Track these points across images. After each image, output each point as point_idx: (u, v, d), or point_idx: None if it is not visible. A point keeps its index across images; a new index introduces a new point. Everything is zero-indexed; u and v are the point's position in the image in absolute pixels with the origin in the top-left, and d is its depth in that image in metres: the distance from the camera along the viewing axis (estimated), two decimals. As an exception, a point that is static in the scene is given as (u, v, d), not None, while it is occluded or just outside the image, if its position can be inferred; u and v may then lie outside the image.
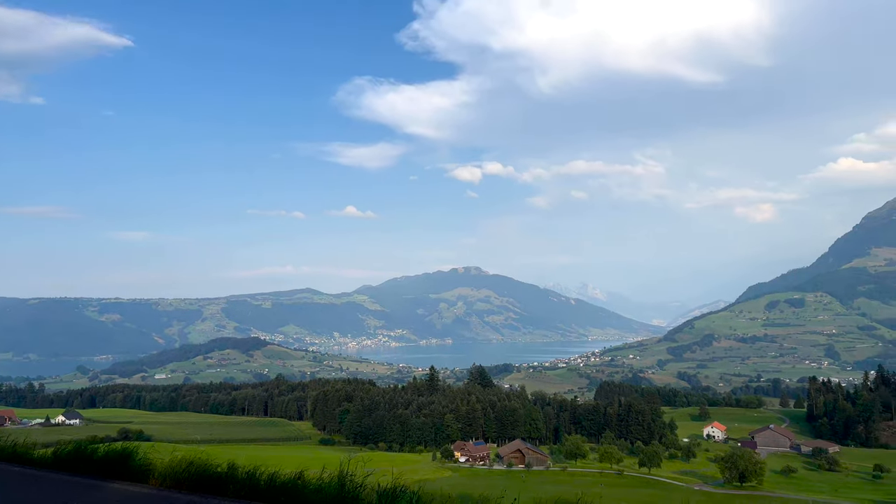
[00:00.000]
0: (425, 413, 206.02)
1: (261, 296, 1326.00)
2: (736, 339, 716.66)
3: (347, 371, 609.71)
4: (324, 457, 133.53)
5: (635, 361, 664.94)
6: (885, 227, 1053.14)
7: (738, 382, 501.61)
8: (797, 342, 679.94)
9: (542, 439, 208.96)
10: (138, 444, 13.52)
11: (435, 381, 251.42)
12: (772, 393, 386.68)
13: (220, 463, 11.59)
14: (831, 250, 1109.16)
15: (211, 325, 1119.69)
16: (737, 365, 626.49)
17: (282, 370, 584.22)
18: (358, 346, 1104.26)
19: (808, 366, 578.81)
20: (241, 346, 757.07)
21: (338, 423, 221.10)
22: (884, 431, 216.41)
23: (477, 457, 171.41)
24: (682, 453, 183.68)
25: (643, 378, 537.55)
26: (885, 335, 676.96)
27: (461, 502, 10.54)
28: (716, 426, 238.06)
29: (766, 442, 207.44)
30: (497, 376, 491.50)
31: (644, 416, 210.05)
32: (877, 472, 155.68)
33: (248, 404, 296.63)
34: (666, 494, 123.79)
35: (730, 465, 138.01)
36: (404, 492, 10.51)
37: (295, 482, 10.73)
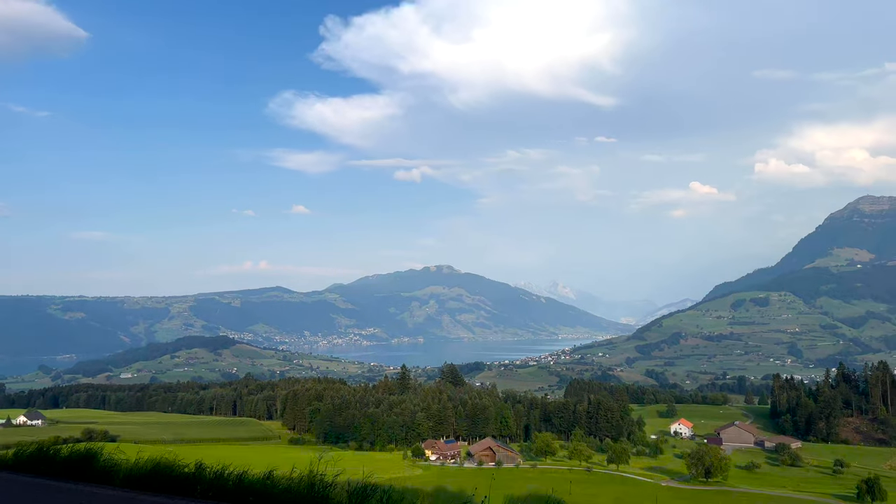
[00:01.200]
0: (396, 412, 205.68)
1: (230, 294, 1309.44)
2: (703, 337, 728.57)
3: (318, 370, 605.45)
4: (293, 456, 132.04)
5: (604, 359, 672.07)
6: (846, 228, 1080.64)
7: (705, 380, 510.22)
8: (762, 340, 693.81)
9: (512, 437, 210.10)
10: (103, 445, 13.27)
11: (406, 380, 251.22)
12: (737, 390, 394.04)
13: (188, 463, 11.44)
14: (795, 250, 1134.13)
15: (178, 324, 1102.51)
16: (703, 363, 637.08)
17: (251, 369, 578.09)
18: (329, 344, 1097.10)
19: (773, 363, 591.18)
20: (210, 345, 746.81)
21: (308, 423, 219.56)
22: (844, 427, 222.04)
23: (448, 455, 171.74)
24: (649, 450, 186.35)
25: (612, 376, 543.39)
26: (845, 333, 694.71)
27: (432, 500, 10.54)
28: (683, 423, 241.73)
29: (731, 438, 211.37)
30: (468, 375, 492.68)
31: (613, 414, 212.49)
32: (837, 467, 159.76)
33: (216, 404, 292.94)
34: (634, 490, 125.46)
35: (696, 461, 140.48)
36: (375, 490, 10.51)
37: (264, 482, 10.65)
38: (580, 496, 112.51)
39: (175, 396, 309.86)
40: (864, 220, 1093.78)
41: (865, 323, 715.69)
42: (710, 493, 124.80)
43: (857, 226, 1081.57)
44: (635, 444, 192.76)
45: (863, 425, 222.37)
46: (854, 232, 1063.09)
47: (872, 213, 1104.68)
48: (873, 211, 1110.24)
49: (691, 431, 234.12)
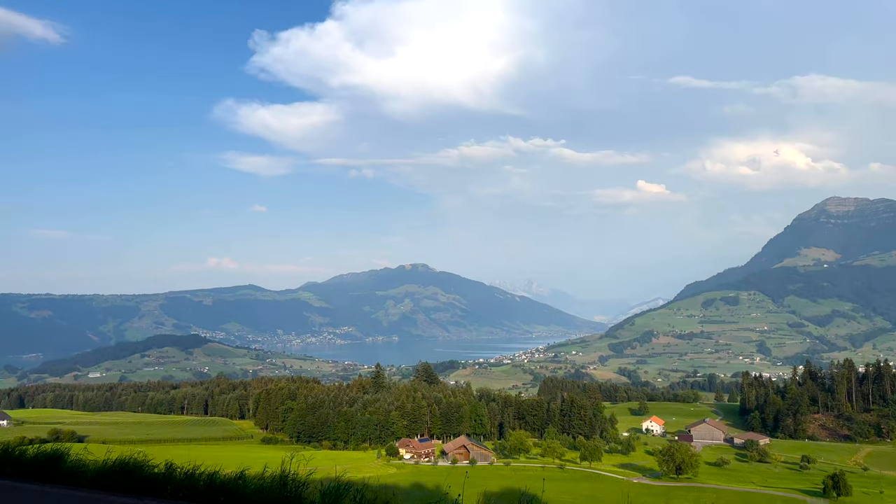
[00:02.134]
0: (371, 411, 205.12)
1: (201, 292, 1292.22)
2: (674, 335, 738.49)
3: (291, 369, 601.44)
4: (266, 455, 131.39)
5: (578, 357, 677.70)
6: (813, 229, 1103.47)
7: (676, 378, 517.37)
8: (731, 339, 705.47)
9: (486, 435, 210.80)
10: (70, 445, 13.04)
11: (381, 379, 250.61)
12: (707, 388, 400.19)
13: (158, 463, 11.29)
14: (764, 250, 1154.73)
15: (149, 322, 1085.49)
16: (675, 361, 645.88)
17: (223, 368, 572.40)
18: (302, 343, 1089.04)
19: (742, 361, 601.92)
20: (181, 344, 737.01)
21: (281, 422, 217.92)
22: (811, 424, 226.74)
23: (422, 453, 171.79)
24: (621, 447, 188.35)
25: (585, 374, 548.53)
26: (812, 332, 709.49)
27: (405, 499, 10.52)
28: (654, 420, 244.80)
29: (701, 435, 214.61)
30: (443, 373, 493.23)
31: (586, 412, 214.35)
32: (804, 463, 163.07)
33: (187, 403, 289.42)
34: (606, 487, 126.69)
35: (667, 457, 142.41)
36: (348, 489, 10.47)
37: (235, 482, 10.55)
38: (553, 493, 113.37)
39: (145, 396, 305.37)
40: (831, 220, 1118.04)
41: (831, 321, 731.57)
42: (681, 489, 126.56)
43: (823, 226, 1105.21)
44: (608, 441, 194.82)
45: (829, 422, 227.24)
46: (821, 232, 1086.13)
47: (839, 213, 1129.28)
48: (839, 212, 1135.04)
49: (663, 429, 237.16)
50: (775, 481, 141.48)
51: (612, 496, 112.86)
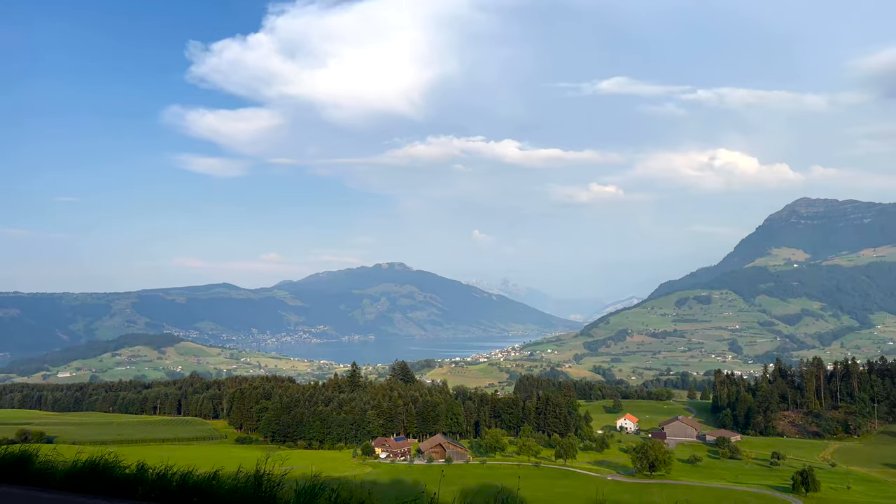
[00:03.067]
0: (346, 410, 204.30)
1: (174, 290, 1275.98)
2: (648, 334, 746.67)
3: (266, 368, 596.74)
4: (240, 456, 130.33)
5: (553, 356, 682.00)
6: (784, 229, 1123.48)
7: (650, 376, 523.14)
8: (704, 337, 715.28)
9: (462, 433, 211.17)
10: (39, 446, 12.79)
11: (357, 378, 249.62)
12: (680, 385, 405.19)
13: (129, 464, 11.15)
14: (736, 250, 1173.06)
15: (120, 321, 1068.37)
16: (648, 359, 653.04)
17: (196, 367, 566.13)
18: (277, 342, 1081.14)
19: (714, 359, 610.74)
20: (153, 343, 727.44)
21: (255, 422, 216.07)
22: (780, 421, 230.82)
23: (398, 452, 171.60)
24: (596, 445, 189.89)
25: (560, 372, 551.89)
26: (782, 330, 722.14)
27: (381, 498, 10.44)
28: (628, 418, 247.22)
29: (674, 432, 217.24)
30: (419, 372, 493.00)
31: (561, 409, 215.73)
32: (773, 459, 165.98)
33: (160, 403, 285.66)
34: (580, 484, 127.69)
35: (641, 455, 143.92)
36: (323, 489, 10.43)
37: (209, 482, 10.45)
38: (528, 491, 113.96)
39: (116, 396, 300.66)
40: (801, 221, 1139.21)
41: (801, 320, 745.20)
42: (654, 486, 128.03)
43: (794, 227, 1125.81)
44: (582, 439, 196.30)
45: (798, 419, 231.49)
46: (791, 232, 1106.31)
47: (808, 214, 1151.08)
48: (809, 213, 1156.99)
49: (636, 426, 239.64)
50: (746, 478, 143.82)
51: (587, 493, 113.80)
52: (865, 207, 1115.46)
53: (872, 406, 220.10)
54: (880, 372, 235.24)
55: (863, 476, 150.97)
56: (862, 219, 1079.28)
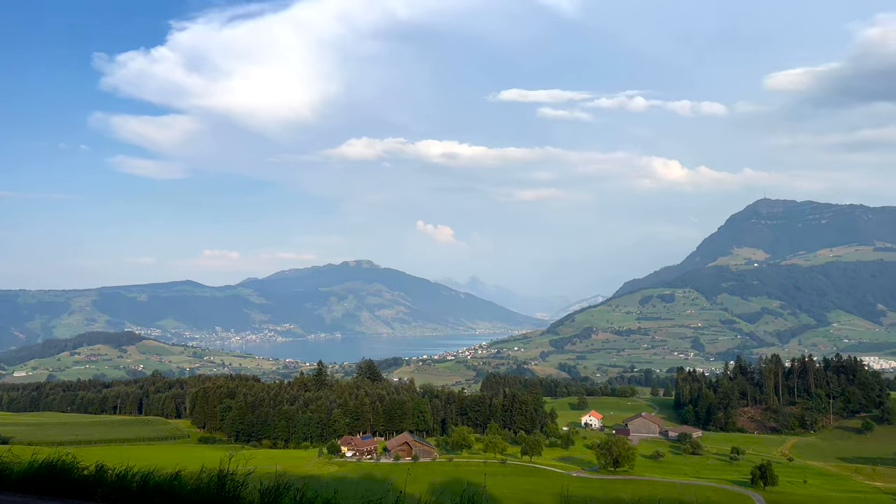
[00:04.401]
0: (312, 409, 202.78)
1: (136, 288, 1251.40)
2: (612, 331, 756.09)
3: (230, 367, 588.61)
4: (203, 455, 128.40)
5: (520, 353, 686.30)
6: (745, 229, 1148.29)
7: (614, 373, 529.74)
8: (667, 335, 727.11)
9: (429, 431, 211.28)
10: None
11: (323, 376, 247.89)
12: (644, 382, 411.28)
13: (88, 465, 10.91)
14: (699, 249, 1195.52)
15: (79, 319, 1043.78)
16: (613, 356, 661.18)
17: (159, 366, 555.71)
18: (242, 340, 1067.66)
19: (677, 357, 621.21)
20: (114, 341, 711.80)
21: (219, 421, 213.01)
22: (740, 417, 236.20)
23: (364, 451, 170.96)
24: (561, 441, 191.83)
25: (527, 369, 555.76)
26: (743, 328, 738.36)
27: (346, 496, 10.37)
28: (593, 415, 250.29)
29: (638, 429, 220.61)
30: (386, 370, 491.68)
31: (527, 407, 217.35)
32: (733, 454, 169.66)
33: (120, 402, 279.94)
34: (545, 481, 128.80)
35: (605, 451, 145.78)
36: (287, 488, 10.35)
37: (171, 483, 10.29)
38: (495, 489, 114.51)
39: (75, 395, 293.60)
40: (762, 221, 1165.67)
41: (760, 318, 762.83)
42: (618, 481, 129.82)
43: (754, 227, 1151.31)
44: (548, 435, 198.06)
45: (757, 414, 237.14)
46: (752, 233, 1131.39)
47: (769, 215, 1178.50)
48: (769, 213, 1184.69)
49: (601, 423, 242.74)
50: (707, 472, 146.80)
51: (551, 490, 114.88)
52: (823, 208, 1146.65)
53: (828, 402, 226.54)
54: (835, 369, 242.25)
55: (819, 470, 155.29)
56: (819, 220, 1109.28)
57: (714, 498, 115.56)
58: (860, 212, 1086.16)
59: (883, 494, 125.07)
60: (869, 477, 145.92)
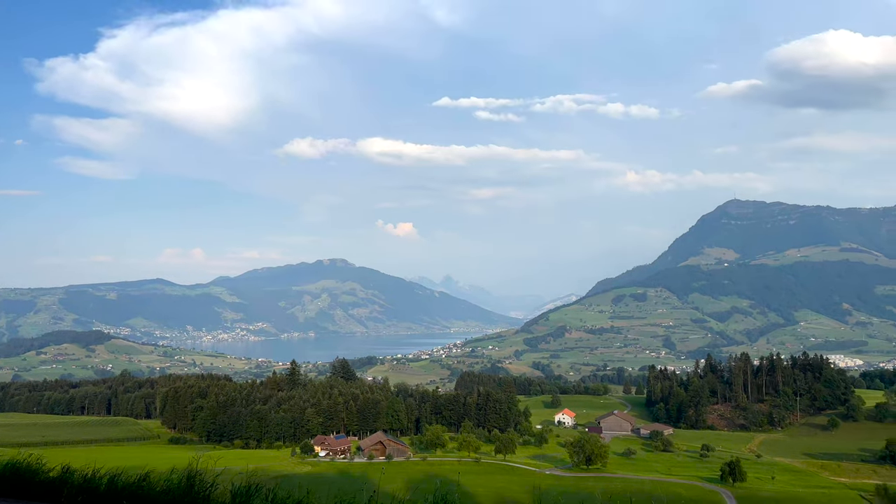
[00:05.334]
0: (285, 408, 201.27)
1: (105, 286, 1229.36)
2: (586, 330, 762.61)
3: (202, 366, 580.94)
4: (173, 456, 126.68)
5: (494, 352, 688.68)
6: (716, 229, 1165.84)
7: (587, 371, 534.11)
8: (639, 333, 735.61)
9: (403, 430, 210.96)
10: (-47, 450, 12.07)
11: (296, 376, 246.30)
12: (617, 381, 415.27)
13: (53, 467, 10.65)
14: (670, 249, 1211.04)
15: (46, 318, 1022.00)
16: (586, 355, 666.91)
17: (128, 366, 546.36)
18: (213, 340, 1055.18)
19: (649, 355, 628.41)
20: (82, 340, 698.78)
21: (190, 421, 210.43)
22: (710, 414, 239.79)
23: (338, 450, 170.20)
24: (535, 439, 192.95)
25: (501, 368, 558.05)
26: (713, 327, 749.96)
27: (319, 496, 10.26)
28: (566, 413, 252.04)
29: (610, 427, 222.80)
30: (361, 369, 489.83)
31: (501, 405, 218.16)
32: (703, 452, 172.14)
33: (88, 403, 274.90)
34: (519, 479, 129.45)
35: (578, 449, 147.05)
36: (259, 489, 10.21)
37: (139, 484, 10.08)
38: (468, 485, 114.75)
39: (41, 396, 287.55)
40: (732, 222, 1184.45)
41: (730, 317, 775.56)
42: (590, 479, 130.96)
43: (725, 227, 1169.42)
44: (522, 434, 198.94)
45: (727, 412, 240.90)
46: (722, 233, 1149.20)
47: (738, 215, 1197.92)
48: (739, 214, 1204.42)
49: (574, 421, 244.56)
50: (678, 469, 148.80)
51: (525, 488, 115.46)
52: (791, 209, 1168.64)
53: (795, 399, 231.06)
54: (802, 367, 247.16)
55: (786, 466, 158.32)
56: (788, 220, 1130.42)
57: (685, 494, 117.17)
58: (826, 213, 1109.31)
59: (848, 490, 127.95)
60: (835, 473, 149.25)
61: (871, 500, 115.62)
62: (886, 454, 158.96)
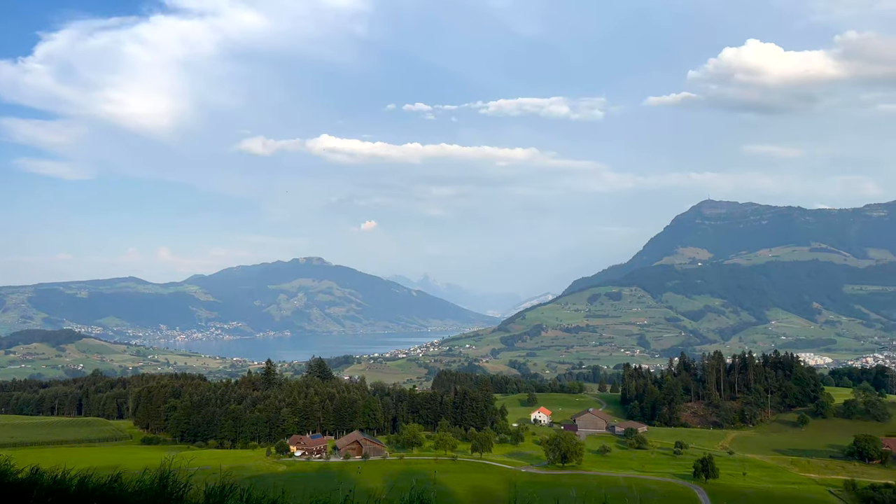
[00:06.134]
0: (260, 408, 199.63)
1: (76, 284, 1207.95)
2: (562, 329, 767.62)
3: (175, 366, 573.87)
4: (146, 456, 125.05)
5: (471, 351, 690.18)
6: (690, 229, 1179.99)
7: (563, 369, 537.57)
8: (614, 332, 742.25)
9: (380, 430, 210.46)
10: (-82, 453, 11.80)
11: (272, 375, 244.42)
12: (592, 379, 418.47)
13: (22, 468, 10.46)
14: (645, 248, 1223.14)
15: (15, 316, 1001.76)
16: (562, 353, 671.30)
17: (100, 365, 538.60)
18: (187, 339, 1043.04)
19: (623, 354, 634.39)
20: (52, 340, 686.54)
21: (163, 421, 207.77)
22: (684, 412, 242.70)
23: (313, 450, 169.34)
24: (511, 437, 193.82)
25: (478, 366, 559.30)
26: (687, 326, 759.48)
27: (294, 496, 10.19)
28: (542, 411, 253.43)
29: (585, 424, 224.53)
30: (337, 368, 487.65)
31: (478, 404, 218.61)
32: (677, 449, 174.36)
33: (58, 403, 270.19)
34: (494, 477, 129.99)
35: (553, 447, 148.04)
36: (233, 489, 10.14)
37: (111, 485, 9.95)
38: (444, 484, 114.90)
39: (10, 396, 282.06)
40: (705, 222, 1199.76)
41: (703, 316, 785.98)
42: (565, 476, 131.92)
43: (698, 227, 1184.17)
44: (498, 432, 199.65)
45: (700, 410, 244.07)
46: (696, 233, 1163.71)
47: (712, 215, 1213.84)
48: (712, 214, 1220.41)
49: (550, 419, 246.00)
50: (652, 466, 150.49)
51: (500, 485, 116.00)
52: (763, 210, 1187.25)
53: (766, 396, 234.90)
54: (773, 365, 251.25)
55: (757, 462, 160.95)
56: (760, 220, 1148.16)
57: (659, 491, 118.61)
58: (797, 214, 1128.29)
59: (817, 486, 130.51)
60: (804, 469, 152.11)
61: (840, 495, 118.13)
62: (854, 450, 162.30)
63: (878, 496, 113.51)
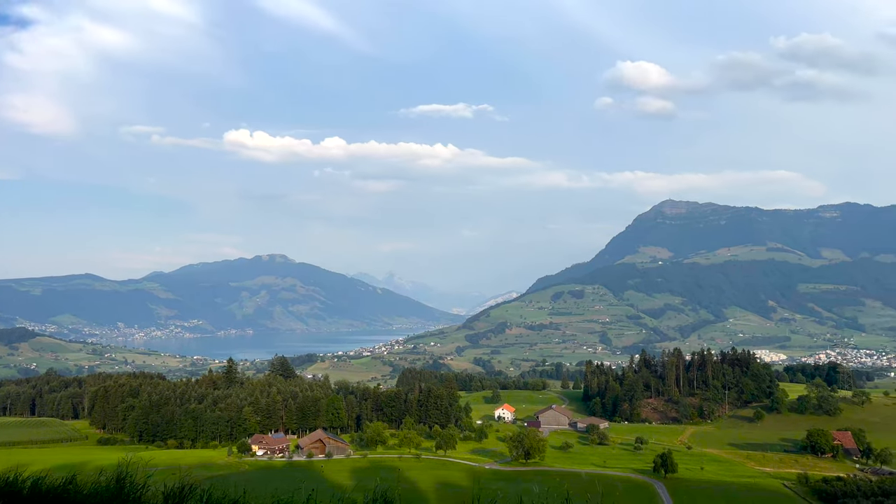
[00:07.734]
0: (221, 407, 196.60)
1: (29, 281, 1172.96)
2: (526, 326, 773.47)
3: (134, 364, 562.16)
4: (103, 457, 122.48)
5: (436, 348, 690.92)
6: (651, 229, 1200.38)
7: (527, 367, 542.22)
8: (577, 329, 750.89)
9: (344, 428, 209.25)
10: None
11: (233, 374, 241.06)
12: (555, 376, 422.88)
13: (-29, 471, 10.14)
14: (608, 247, 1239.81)
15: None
16: (526, 350, 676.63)
17: (54, 364, 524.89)
18: (146, 337, 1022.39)
19: (586, 351, 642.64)
20: (3, 338, 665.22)
21: (121, 421, 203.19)
22: (645, 408, 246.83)
23: (276, 449, 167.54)
24: (475, 435, 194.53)
25: (443, 364, 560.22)
26: (647, 323, 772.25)
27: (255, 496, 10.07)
28: (506, 408, 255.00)
29: (548, 421, 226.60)
30: (300, 367, 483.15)
31: (442, 401, 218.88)
32: (637, 444, 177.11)
33: (10, 403, 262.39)
34: (458, 474, 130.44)
35: (516, 443, 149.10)
36: (193, 490, 10.00)
37: (65, 487, 9.72)
38: (408, 481, 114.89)
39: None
40: (666, 221, 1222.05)
41: (664, 314, 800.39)
42: (528, 472, 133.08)
43: (659, 227, 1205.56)
44: (462, 429, 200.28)
45: (660, 405, 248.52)
46: (657, 232, 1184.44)
47: (672, 215, 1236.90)
48: (673, 213, 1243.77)
49: (514, 416, 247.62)
50: (613, 462, 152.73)
51: (464, 482, 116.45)
52: (722, 210, 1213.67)
53: (724, 392, 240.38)
54: (731, 361, 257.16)
55: (714, 457, 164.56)
56: (718, 221, 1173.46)
57: (619, 486, 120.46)
58: (755, 214, 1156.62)
59: (772, 479, 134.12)
60: (760, 463, 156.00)
61: (794, 488, 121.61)
62: (807, 444, 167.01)
63: (830, 489, 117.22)
